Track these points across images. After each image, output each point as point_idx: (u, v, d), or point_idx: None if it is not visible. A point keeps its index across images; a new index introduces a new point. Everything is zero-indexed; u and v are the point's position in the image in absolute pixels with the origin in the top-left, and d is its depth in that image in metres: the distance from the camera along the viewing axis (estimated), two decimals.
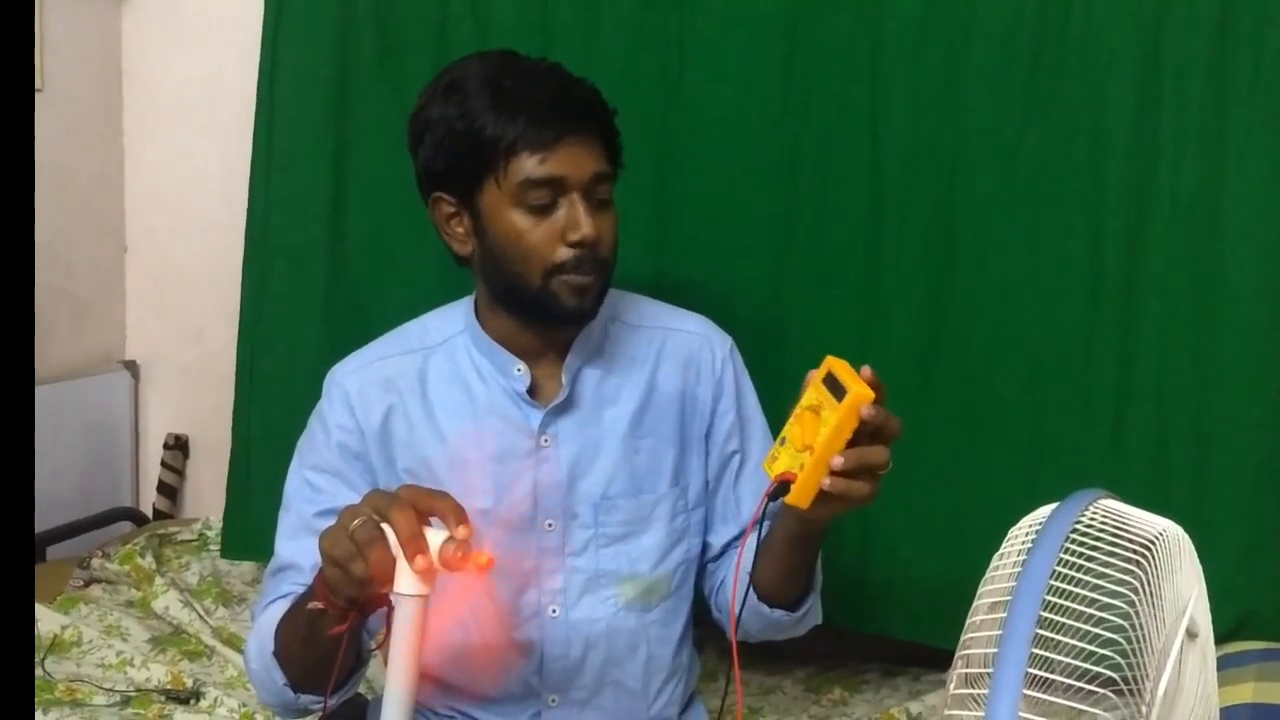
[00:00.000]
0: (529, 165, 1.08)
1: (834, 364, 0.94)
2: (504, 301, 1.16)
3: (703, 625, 1.31)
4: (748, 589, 1.12)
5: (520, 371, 1.17)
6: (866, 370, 0.94)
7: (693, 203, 1.62)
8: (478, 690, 1.20)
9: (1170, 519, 1.50)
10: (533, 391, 1.18)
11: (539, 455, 1.17)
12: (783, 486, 0.94)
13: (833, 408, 0.92)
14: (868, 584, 1.61)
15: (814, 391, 0.94)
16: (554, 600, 1.18)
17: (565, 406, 1.18)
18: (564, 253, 1.10)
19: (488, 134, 1.08)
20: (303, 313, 1.73)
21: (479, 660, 1.16)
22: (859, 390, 0.91)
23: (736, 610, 1.04)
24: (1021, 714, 0.64)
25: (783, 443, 0.95)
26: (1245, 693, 1.31)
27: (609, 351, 1.21)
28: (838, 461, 0.92)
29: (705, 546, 1.26)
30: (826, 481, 0.92)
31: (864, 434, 0.93)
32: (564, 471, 1.18)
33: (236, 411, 1.79)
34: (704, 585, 1.28)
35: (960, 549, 1.54)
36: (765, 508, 0.98)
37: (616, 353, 1.22)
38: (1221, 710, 1.30)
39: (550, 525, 1.18)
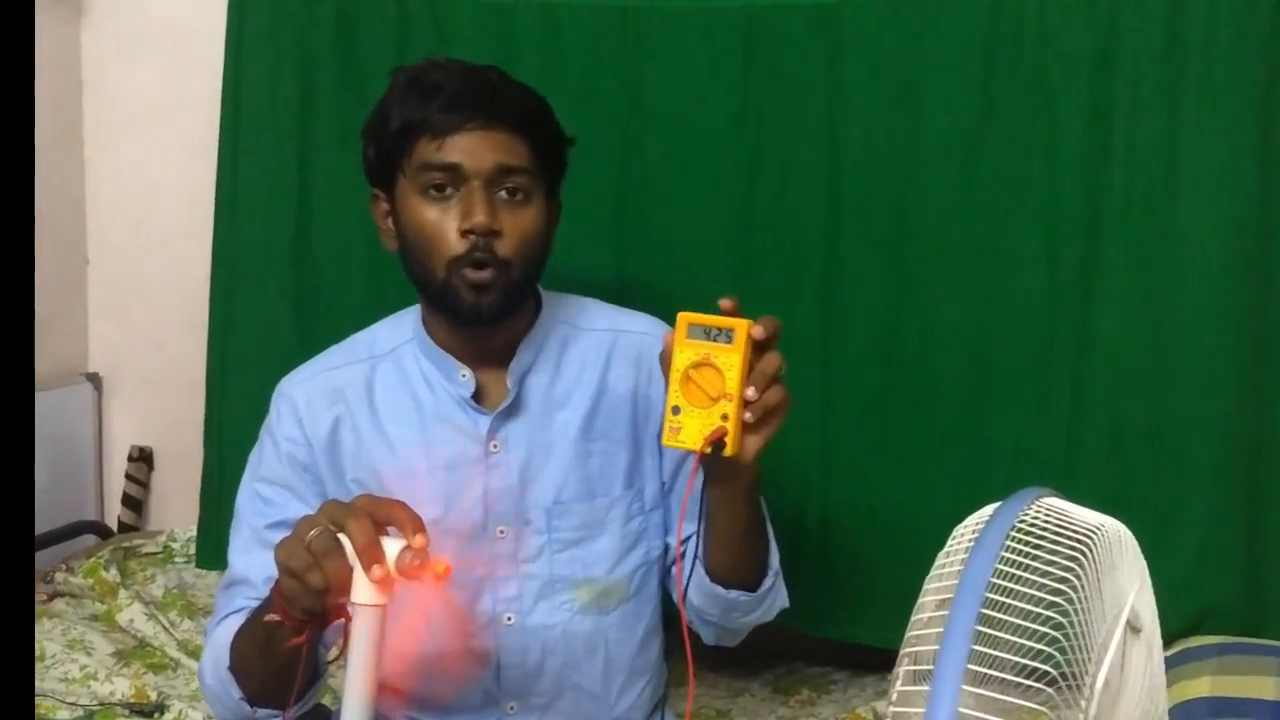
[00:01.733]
0: (428, 150, 1.10)
1: (687, 317, 0.95)
2: (426, 300, 1.17)
3: (672, 630, 1.31)
4: (694, 562, 1.11)
5: (465, 377, 1.17)
6: (726, 302, 0.95)
7: (653, 206, 1.63)
8: (436, 699, 1.20)
9: (1128, 516, 1.52)
10: (480, 397, 1.18)
11: (489, 461, 1.17)
12: (718, 445, 0.94)
13: (727, 351, 0.93)
14: (830, 590, 1.62)
15: (688, 350, 0.94)
16: (509, 607, 1.18)
17: (513, 411, 1.18)
18: (461, 244, 1.10)
19: (396, 122, 1.11)
20: (271, 320, 1.73)
21: (436, 669, 1.16)
22: (739, 322, 0.93)
23: (683, 583, 1.07)
24: (969, 712, 0.64)
25: (677, 411, 0.94)
26: (1203, 686, 1.33)
27: (557, 355, 1.21)
28: (750, 392, 0.93)
29: (666, 548, 1.26)
30: (748, 415, 0.93)
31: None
32: (515, 477, 1.17)
33: (207, 420, 1.79)
34: (671, 590, 1.28)
35: (921, 551, 1.55)
36: (699, 478, 0.98)
37: (565, 356, 1.22)
38: (1180, 704, 1.32)
39: (502, 532, 1.18)
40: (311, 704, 1.12)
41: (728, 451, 0.94)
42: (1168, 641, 1.43)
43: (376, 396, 1.19)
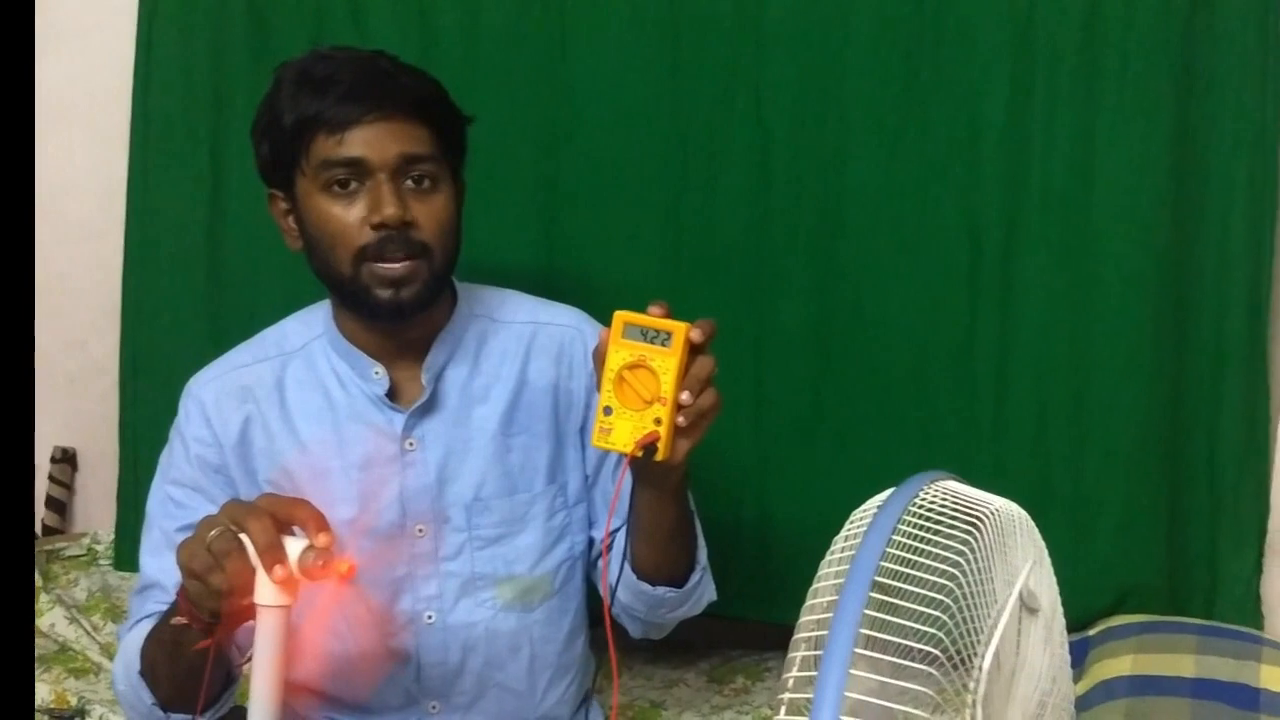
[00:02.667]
0: (327, 146, 1.07)
1: (624, 316, 0.94)
2: (338, 299, 1.14)
3: (599, 625, 1.30)
4: (622, 564, 1.11)
5: (379, 375, 1.15)
6: (656, 308, 0.94)
7: (580, 195, 1.61)
8: (356, 700, 1.18)
9: (1052, 499, 1.54)
10: (395, 394, 1.16)
11: (405, 460, 1.16)
12: (650, 450, 0.93)
13: (664, 354, 0.93)
14: (768, 574, 1.62)
15: (623, 351, 0.93)
16: (429, 606, 1.17)
17: (429, 408, 1.16)
18: (368, 235, 1.07)
19: (290, 120, 1.08)
20: (184, 318, 1.69)
21: (355, 670, 1.15)
22: (677, 326, 0.93)
23: (610, 582, 1.07)
24: (863, 697, 0.64)
25: (609, 412, 0.94)
26: (1125, 665, 1.35)
27: (475, 349, 1.19)
28: (685, 396, 0.93)
29: (591, 542, 1.25)
30: (681, 418, 0.93)
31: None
32: (432, 475, 1.16)
33: (122, 420, 1.75)
34: (597, 583, 1.27)
35: None
36: (629, 480, 0.98)
37: (484, 350, 1.20)
38: (1102, 682, 1.34)
39: (421, 530, 1.16)
40: (227, 707, 1.10)
41: (659, 456, 0.94)
42: (1092, 621, 1.48)
43: (288, 395, 1.17)
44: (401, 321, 1.12)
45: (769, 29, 1.55)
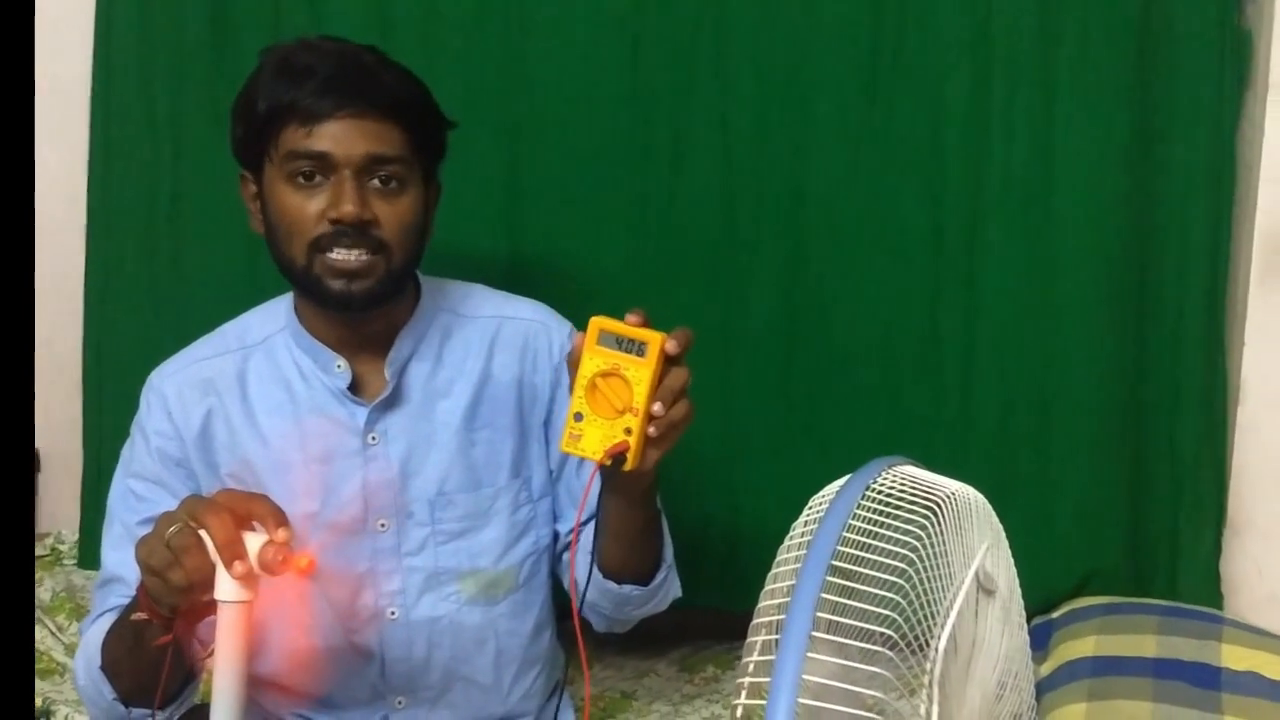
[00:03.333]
0: (296, 137, 1.06)
1: (600, 323, 0.93)
2: (293, 286, 1.14)
3: (567, 618, 1.30)
4: (590, 572, 1.11)
5: (341, 368, 1.15)
6: (633, 316, 0.93)
7: (544, 187, 1.60)
8: (321, 695, 1.18)
9: (1016, 485, 1.55)
10: (357, 388, 1.16)
11: (367, 454, 1.15)
12: (619, 459, 0.93)
13: (638, 364, 0.92)
14: (737, 564, 1.62)
15: (597, 358, 0.93)
16: (392, 601, 1.16)
17: (392, 402, 1.16)
18: (324, 227, 1.07)
19: (264, 105, 1.07)
20: (149, 315, 1.67)
21: (319, 665, 1.14)
22: (653, 336, 0.92)
23: (579, 598, 1.06)
24: (822, 679, 0.65)
25: (580, 418, 0.93)
26: (1088, 646, 1.37)
27: (439, 343, 1.19)
28: (658, 408, 0.92)
29: (555, 536, 1.25)
30: (652, 429, 0.92)
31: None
32: (395, 469, 1.15)
33: (85, 418, 1.74)
34: (563, 577, 1.26)
35: None
36: (597, 484, 0.98)
37: (447, 344, 1.19)
38: (1066, 663, 1.36)
39: (384, 525, 1.16)
40: (190, 702, 1.10)
41: (628, 466, 0.93)
42: (1056, 604, 1.49)
43: (249, 388, 1.16)
44: (351, 313, 1.11)
45: (731, 19, 1.55)
